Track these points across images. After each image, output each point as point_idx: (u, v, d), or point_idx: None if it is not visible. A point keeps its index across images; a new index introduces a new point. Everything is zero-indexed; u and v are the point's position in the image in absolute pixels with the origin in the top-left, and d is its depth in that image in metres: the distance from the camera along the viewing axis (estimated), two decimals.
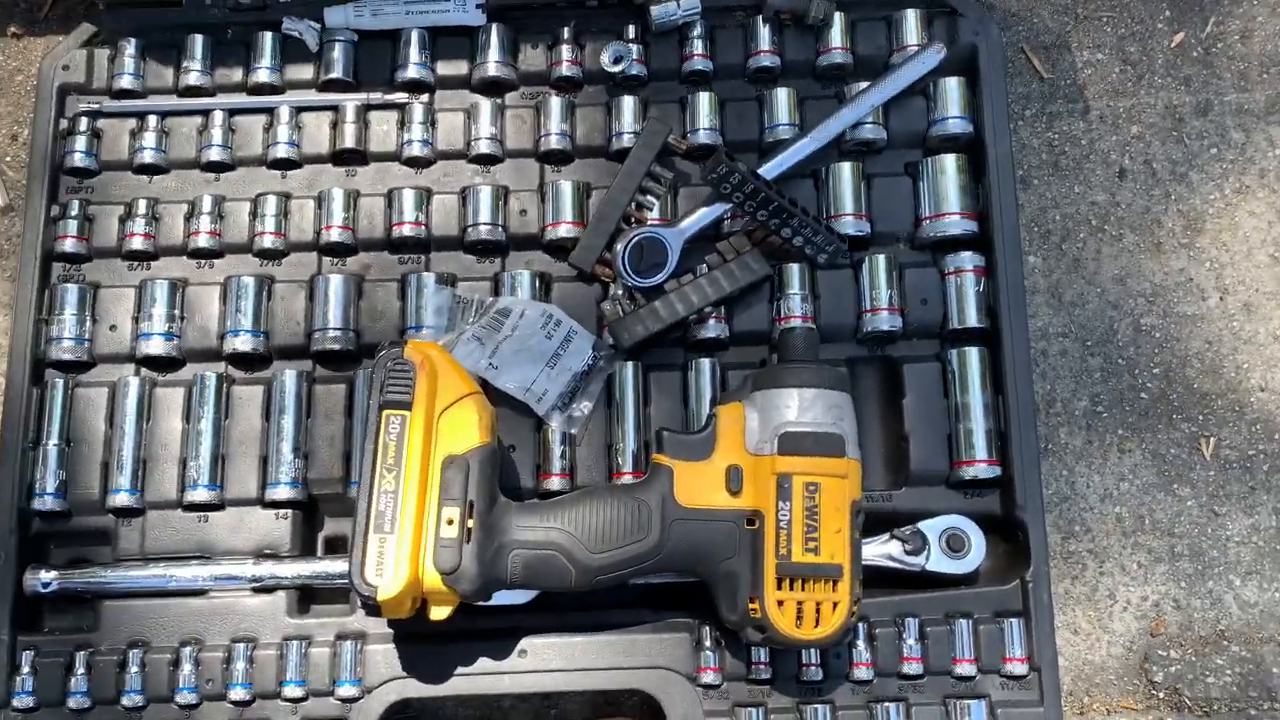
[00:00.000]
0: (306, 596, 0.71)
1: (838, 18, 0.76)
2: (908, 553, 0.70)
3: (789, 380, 0.65)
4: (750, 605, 0.63)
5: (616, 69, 0.75)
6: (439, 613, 0.64)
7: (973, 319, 0.73)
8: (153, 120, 0.76)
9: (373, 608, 0.64)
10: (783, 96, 0.76)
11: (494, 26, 0.76)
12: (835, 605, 0.63)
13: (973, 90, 0.76)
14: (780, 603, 0.62)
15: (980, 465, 0.71)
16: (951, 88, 0.76)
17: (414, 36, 0.76)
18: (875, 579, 0.69)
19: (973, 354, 0.72)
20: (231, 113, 0.76)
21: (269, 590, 0.70)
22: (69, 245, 0.74)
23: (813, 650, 0.68)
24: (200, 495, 0.71)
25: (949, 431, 0.72)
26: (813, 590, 0.62)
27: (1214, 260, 0.82)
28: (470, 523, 0.62)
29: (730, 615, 0.64)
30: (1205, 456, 0.80)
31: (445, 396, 0.64)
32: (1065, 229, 0.83)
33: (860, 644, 0.68)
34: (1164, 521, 0.79)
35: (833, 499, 0.63)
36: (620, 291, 0.73)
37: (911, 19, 0.77)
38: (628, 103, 0.76)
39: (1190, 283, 0.82)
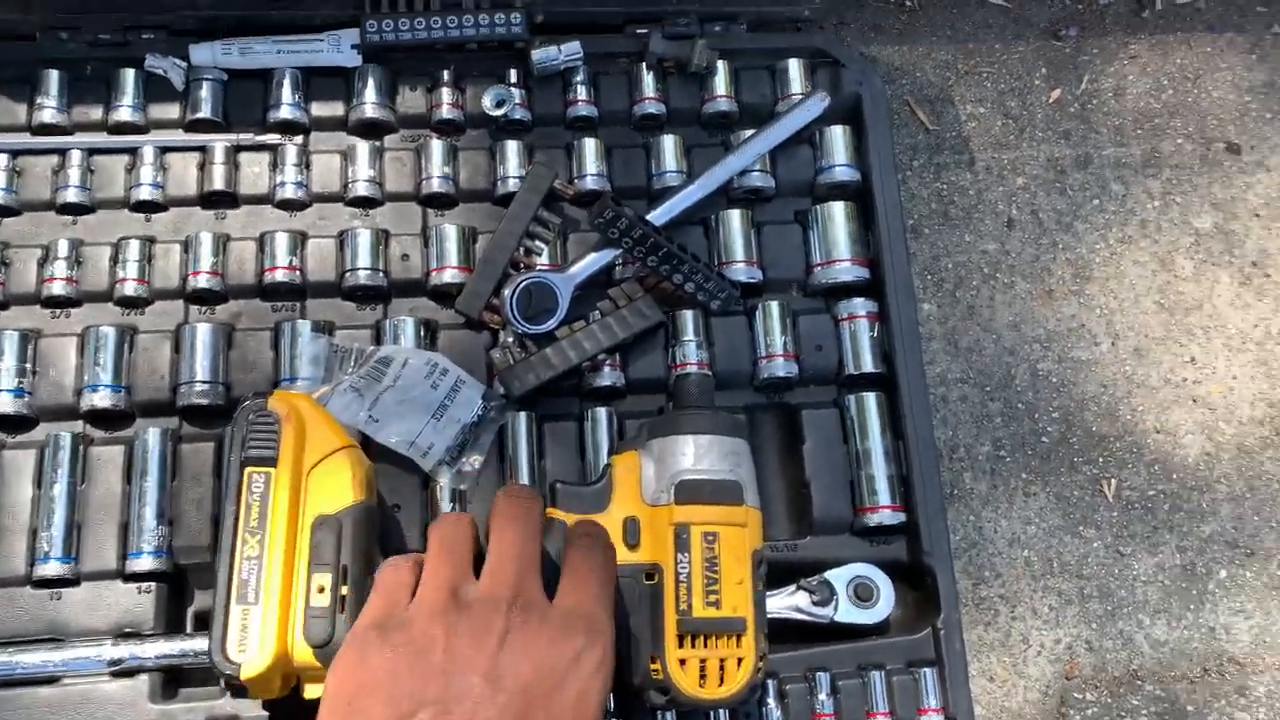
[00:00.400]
0: (173, 679, 0.64)
1: (721, 66, 0.76)
2: (815, 604, 0.67)
3: (684, 427, 0.62)
4: (652, 666, 0.58)
5: (499, 113, 0.74)
6: (314, 691, 0.57)
7: (868, 364, 0.72)
8: (3, 159, 0.71)
9: (238, 688, 0.58)
10: (669, 144, 0.75)
11: (370, 68, 0.74)
12: (740, 661, 0.59)
13: (858, 138, 0.76)
14: (682, 661, 0.58)
15: (884, 511, 0.69)
16: (837, 136, 0.76)
17: (286, 77, 0.74)
18: (784, 632, 0.66)
19: (870, 399, 0.71)
20: (90, 152, 0.72)
21: (130, 674, 0.63)
22: None
23: (721, 711, 0.64)
24: (52, 569, 0.64)
25: (851, 478, 0.70)
26: (716, 647, 0.58)
27: (1103, 307, 0.84)
28: (344, 590, 0.57)
29: (631, 678, 0.60)
30: (1108, 498, 0.79)
31: (315, 451, 0.59)
32: (958, 277, 0.83)
33: (771, 702, 0.65)
34: (1072, 563, 0.78)
35: (733, 549, 0.60)
36: (510, 339, 0.70)
37: (795, 68, 0.77)
38: (512, 147, 0.74)
39: (1083, 329, 0.83)
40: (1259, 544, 0.79)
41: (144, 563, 0.65)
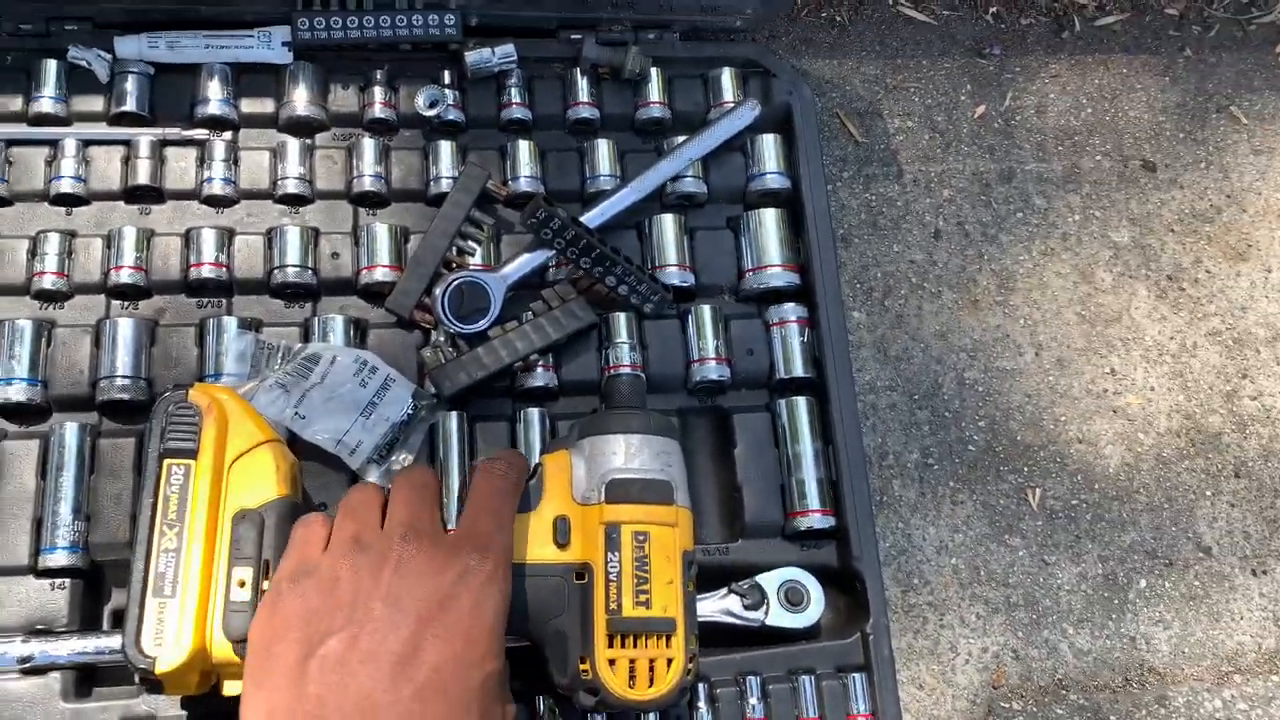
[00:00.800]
0: (87, 678, 0.62)
1: (655, 73, 0.77)
2: (746, 607, 0.67)
3: (615, 426, 0.62)
4: (581, 666, 0.58)
5: (432, 113, 0.73)
6: (234, 688, 0.56)
7: (799, 369, 0.72)
8: None
9: (154, 683, 0.56)
10: (603, 148, 0.76)
11: (301, 65, 0.74)
12: (670, 662, 0.58)
13: (789, 147, 0.78)
14: (612, 661, 0.57)
15: (814, 515, 0.69)
16: (768, 144, 0.77)
17: (215, 72, 0.73)
18: (715, 636, 0.66)
19: (801, 404, 0.71)
20: (9, 143, 0.70)
21: (41, 671, 0.60)
22: None
23: (652, 714, 0.63)
24: None
25: (782, 482, 0.70)
26: (645, 647, 0.58)
27: (1027, 318, 0.86)
28: (265, 585, 0.56)
29: (561, 679, 0.59)
30: (1033, 507, 0.81)
31: (237, 444, 0.58)
32: (887, 286, 0.85)
33: (702, 705, 0.65)
34: (999, 572, 0.79)
35: (663, 548, 0.59)
36: (442, 338, 0.69)
37: (727, 76, 0.78)
38: (445, 147, 0.73)
39: (1007, 339, 0.85)
40: (1176, 554, 0.81)
41: (58, 558, 0.63)
